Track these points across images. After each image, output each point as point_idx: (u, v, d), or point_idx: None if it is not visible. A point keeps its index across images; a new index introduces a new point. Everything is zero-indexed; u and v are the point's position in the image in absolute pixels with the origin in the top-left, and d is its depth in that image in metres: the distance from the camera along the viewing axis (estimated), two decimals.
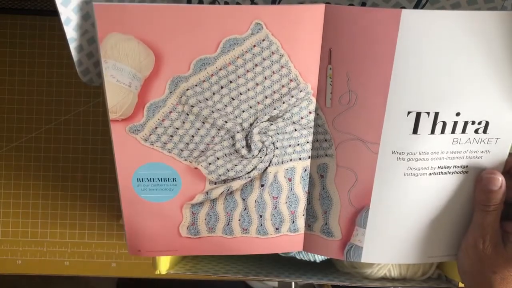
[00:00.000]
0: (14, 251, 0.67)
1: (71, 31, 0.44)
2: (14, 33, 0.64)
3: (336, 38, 0.43)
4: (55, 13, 0.41)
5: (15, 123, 0.66)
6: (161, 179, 0.48)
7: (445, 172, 0.46)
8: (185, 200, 0.49)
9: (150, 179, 0.48)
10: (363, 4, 0.51)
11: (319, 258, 0.56)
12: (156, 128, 0.46)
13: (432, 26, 0.41)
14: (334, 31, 0.42)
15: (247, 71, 0.44)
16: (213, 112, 0.46)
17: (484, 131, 0.45)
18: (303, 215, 0.50)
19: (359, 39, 0.42)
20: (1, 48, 0.65)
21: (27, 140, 0.66)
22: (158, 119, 0.46)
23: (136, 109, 0.45)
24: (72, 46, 0.45)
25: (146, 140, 0.46)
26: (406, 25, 0.41)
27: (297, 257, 0.56)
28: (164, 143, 0.47)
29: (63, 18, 0.42)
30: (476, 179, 0.47)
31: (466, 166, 0.47)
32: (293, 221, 0.51)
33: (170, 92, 0.45)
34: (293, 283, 0.64)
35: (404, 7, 0.50)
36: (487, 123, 0.45)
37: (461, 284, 0.54)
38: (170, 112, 0.46)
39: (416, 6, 0.50)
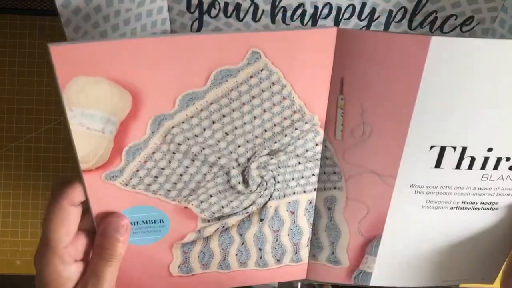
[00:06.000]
0: (14, 251, 0.65)
1: (71, 33, 0.43)
2: (14, 33, 0.62)
3: (349, 66, 0.36)
4: (55, 13, 0.41)
5: (15, 123, 0.63)
6: (146, 221, 0.42)
7: (470, 208, 0.42)
8: (174, 240, 0.43)
9: (134, 222, 0.42)
10: (363, 5, 0.44)
11: None
12: (138, 171, 0.39)
13: (463, 54, 0.34)
14: (347, 58, 0.36)
15: (243, 103, 0.37)
16: (203, 148, 0.39)
17: None
18: (307, 245, 0.46)
19: (378, 67, 0.35)
20: (1, 48, 0.62)
21: (27, 140, 0.63)
22: (139, 161, 0.39)
23: (112, 155, 0.38)
24: None
25: (126, 185, 0.39)
26: (434, 54, 0.34)
27: None
28: (148, 185, 0.40)
29: (63, 19, 0.41)
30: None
31: (496, 203, 0.42)
32: (296, 252, 0.46)
33: (153, 132, 0.37)
34: (299, 284, 0.62)
35: (404, 7, 0.45)
36: None
37: (461, 284, 0.52)
38: (153, 152, 0.39)
39: (416, 6, 0.45)
